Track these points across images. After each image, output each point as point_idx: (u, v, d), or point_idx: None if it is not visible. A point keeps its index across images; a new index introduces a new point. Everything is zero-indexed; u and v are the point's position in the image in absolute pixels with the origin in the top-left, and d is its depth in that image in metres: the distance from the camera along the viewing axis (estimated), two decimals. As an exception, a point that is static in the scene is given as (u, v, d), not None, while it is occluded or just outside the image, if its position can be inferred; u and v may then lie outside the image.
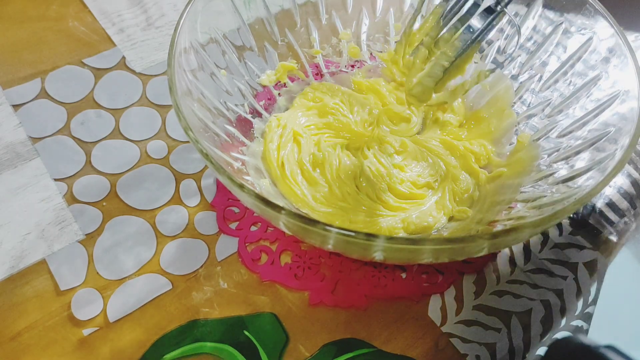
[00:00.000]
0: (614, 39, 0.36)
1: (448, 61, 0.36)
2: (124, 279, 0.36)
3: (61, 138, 0.43)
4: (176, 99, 0.31)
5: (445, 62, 0.36)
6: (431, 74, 0.37)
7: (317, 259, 0.38)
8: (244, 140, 0.39)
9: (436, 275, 0.38)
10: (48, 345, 0.34)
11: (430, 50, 0.37)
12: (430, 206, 0.38)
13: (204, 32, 0.37)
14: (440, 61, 0.36)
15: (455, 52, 0.35)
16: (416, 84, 0.38)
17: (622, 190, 0.43)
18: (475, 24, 0.35)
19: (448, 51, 0.36)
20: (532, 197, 0.36)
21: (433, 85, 0.37)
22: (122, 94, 0.46)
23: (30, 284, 0.36)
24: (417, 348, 0.35)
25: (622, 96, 0.35)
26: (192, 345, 0.34)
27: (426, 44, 0.37)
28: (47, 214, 0.39)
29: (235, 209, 0.40)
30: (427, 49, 0.37)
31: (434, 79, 0.36)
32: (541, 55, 0.42)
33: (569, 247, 0.39)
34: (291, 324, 0.36)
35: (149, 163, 0.42)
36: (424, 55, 0.37)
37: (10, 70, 0.47)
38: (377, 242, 0.26)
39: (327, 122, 0.42)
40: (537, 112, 0.41)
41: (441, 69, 0.36)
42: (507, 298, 0.37)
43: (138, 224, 0.39)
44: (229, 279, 0.37)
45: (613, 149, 0.32)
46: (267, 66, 0.44)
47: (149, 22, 0.51)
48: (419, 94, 0.38)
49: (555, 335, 0.36)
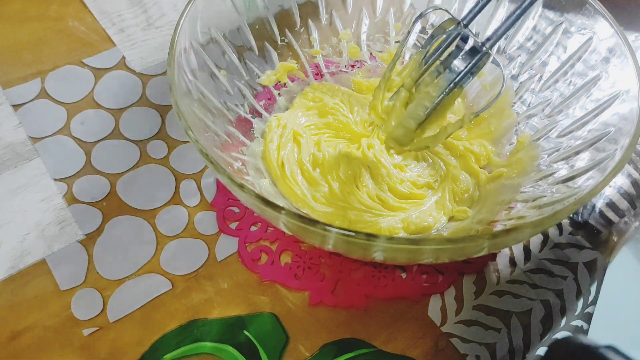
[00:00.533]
0: (614, 39, 0.36)
1: (431, 102, 0.34)
2: (124, 279, 0.36)
3: (61, 138, 0.43)
4: (176, 99, 0.31)
5: (428, 103, 0.34)
6: (413, 115, 0.35)
7: (317, 259, 0.38)
8: (244, 140, 0.40)
9: (436, 275, 0.38)
10: (48, 345, 0.34)
11: (411, 94, 0.36)
12: (430, 206, 0.38)
13: (204, 32, 0.37)
14: (423, 102, 0.34)
15: (439, 92, 0.34)
16: (397, 126, 0.36)
17: (622, 190, 0.43)
18: (458, 65, 0.34)
19: (431, 91, 0.34)
20: (532, 197, 0.36)
21: (415, 127, 0.35)
22: (122, 93, 0.46)
23: (30, 284, 0.36)
24: (417, 348, 0.35)
25: (622, 96, 0.35)
26: (192, 345, 0.34)
27: (407, 86, 0.36)
28: (47, 214, 0.39)
29: (235, 209, 0.40)
30: (408, 91, 0.36)
31: (416, 121, 0.35)
32: (541, 55, 0.42)
33: (569, 247, 0.39)
34: (291, 324, 0.36)
35: (149, 163, 0.42)
36: (405, 98, 0.36)
37: (10, 70, 0.47)
38: (377, 242, 0.26)
39: (327, 122, 0.42)
40: (537, 112, 0.41)
41: (423, 110, 0.34)
42: (507, 298, 0.37)
43: (138, 223, 0.39)
44: (229, 279, 0.37)
45: (613, 149, 0.32)
46: (267, 66, 0.44)
47: (149, 22, 0.51)
48: (399, 136, 0.36)
49: (555, 335, 0.36)
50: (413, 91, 0.36)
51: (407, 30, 0.47)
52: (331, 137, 0.42)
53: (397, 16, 0.47)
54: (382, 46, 0.47)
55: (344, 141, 0.42)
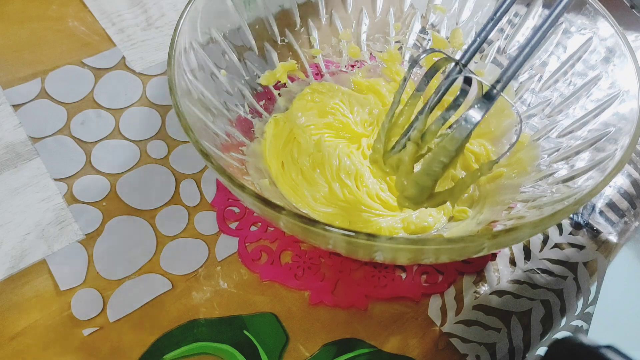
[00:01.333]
0: (614, 39, 0.36)
1: (447, 156, 0.31)
2: (124, 279, 0.36)
3: (61, 138, 0.43)
4: (176, 99, 0.31)
5: (444, 158, 0.31)
6: (429, 172, 0.31)
7: (317, 259, 0.38)
8: (244, 140, 0.39)
9: (436, 275, 0.38)
10: (48, 345, 0.34)
11: (419, 146, 0.33)
12: (431, 206, 0.38)
13: (204, 32, 0.37)
14: (439, 157, 0.31)
15: (455, 145, 0.30)
16: (411, 185, 0.32)
17: (622, 190, 0.43)
18: (474, 115, 0.30)
19: (447, 145, 0.30)
20: (532, 197, 0.36)
21: (432, 185, 0.32)
22: (122, 94, 0.46)
23: (30, 284, 0.36)
24: (417, 348, 0.35)
25: (622, 96, 0.35)
26: (192, 345, 0.34)
27: (414, 139, 0.32)
28: (47, 214, 0.39)
29: (235, 209, 0.40)
30: (415, 144, 0.33)
31: (432, 178, 0.31)
32: (541, 55, 0.42)
33: (569, 247, 0.40)
34: (291, 323, 0.36)
35: (149, 163, 0.42)
36: (414, 151, 0.33)
37: (10, 70, 0.47)
38: (378, 242, 0.26)
39: (327, 122, 0.42)
40: (537, 112, 0.41)
41: (440, 166, 0.31)
42: (507, 298, 0.37)
43: (138, 223, 0.39)
44: (229, 279, 0.37)
45: (613, 149, 0.32)
46: (267, 66, 0.44)
47: (149, 22, 0.51)
48: (415, 196, 0.32)
49: (555, 335, 0.36)
50: (420, 142, 0.33)
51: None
52: (331, 137, 0.42)
53: (397, 16, 0.47)
54: (382, 46, 0.47)
55: (344, 141, 0.42)
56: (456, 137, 0.30)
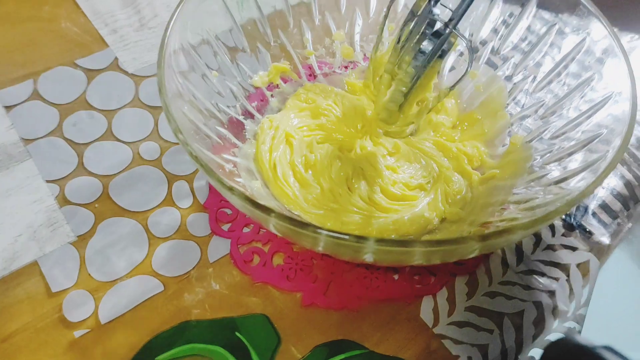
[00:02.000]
0: (608, 40, 0.36)
1: (405, 87, 0.36)
2: (115, 281, 0.36)
3: (53, 139, 0.43)
4: (166, 101, 0.31)
5: (403, 88, 0.36)
6: (393, 99, 0.37)
7: (310, 260, 0.38)
8: (236, 142, 0.39)
9: (428, 276, 0.38)
10: (39, 347, 0.34)
11: (393, 76, 0.38)
12: (423, 208, 0.38)
13: (195, 33, 0.37)
14: (399, 87, 0.37)
15: (410, 78, 0.36)
16: (382, 109, 0.39)
17: (615, 191, 0.43)
18: (426, 47, 0.35)
19: (403, 78, 0.36)
20: (524, 198, 0.36)
21: (397, 109, 0.38)
22: (115, 95, 0.46)
23: (22, 286, 0.36)
24: (409, 349, 0.35)
25: (615, 97, 0.35)
26: (183, 346, 0.34)
27: (388, 70, 0.38)
28: (39, 215, 0.39)
29: (227, 211, 0.40)
30: (390, 74, 0.38)
31: (396, 103, 0.37)
32: (535, 56, 0.42)
33: (562, 249, 0.39)
34: (283, 325, 0.35)
35: (142, 164, 0.42)
36: (388, 80, 0.38)
37: (2, 71, 0.46)
38: (367, 245, 0.26)
39: (319, 124, 0.42)
40: (530, 114, 0.41)
41: (401, 94, 0.37)
42: (500, 299, 0.37)
43: (130, 225, 0.39)
44: (221, 281, 0.37)
45: (605, 150, 0.32)
46: (259, 67, 0.44)
47: (142, 23, 0.51)
48: (385, 118, 0.39)
49: (547, 337, 0.36)
50: (395, 72, 0.38)
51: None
52: (324, 139, 0.42)
53: (391, 17, 0.47)
54: (375, 47, 0.47)
55: (337, 143, 0.42)
56: (409, 71, 0.36)
